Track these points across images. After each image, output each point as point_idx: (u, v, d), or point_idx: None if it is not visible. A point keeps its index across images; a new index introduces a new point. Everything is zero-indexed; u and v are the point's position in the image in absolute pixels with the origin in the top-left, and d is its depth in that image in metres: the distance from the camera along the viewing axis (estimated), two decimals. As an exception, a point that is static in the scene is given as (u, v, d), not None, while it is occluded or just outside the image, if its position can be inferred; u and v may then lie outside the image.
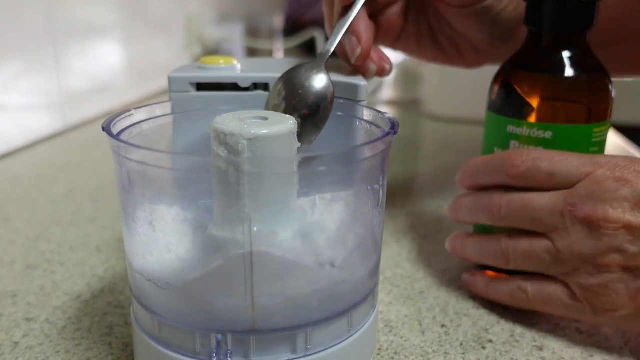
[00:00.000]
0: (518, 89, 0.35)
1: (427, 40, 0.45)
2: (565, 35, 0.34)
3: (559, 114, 0.34)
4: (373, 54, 0.37)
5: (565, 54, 0.34)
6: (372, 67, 0.37)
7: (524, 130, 0.35)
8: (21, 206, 0.50)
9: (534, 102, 0.35)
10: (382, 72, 0.38)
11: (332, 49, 0.34)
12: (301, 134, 0.29)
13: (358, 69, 0.37)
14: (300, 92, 0.31)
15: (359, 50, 0.36)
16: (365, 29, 0.36)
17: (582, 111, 0.34)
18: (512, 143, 0.35)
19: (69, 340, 0.32)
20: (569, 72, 0.34)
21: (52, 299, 0.36)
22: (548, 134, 0.34)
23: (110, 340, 0.31)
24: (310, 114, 0.30)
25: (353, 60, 0.36)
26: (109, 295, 0.36)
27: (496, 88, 0.37)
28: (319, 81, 0.31)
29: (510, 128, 0.35)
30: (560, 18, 0.34)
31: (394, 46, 0.45)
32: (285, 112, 0.30)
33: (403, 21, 0.43)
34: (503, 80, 0.37)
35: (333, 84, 0.31)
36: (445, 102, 0.81)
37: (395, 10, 0.42)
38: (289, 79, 0.32)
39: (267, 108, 0.31)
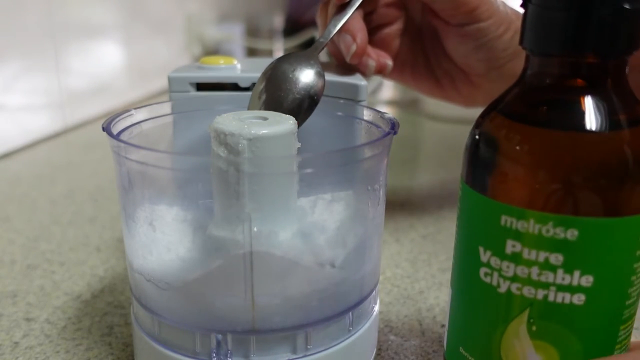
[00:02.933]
0: (517, 156, 0.22)
1: (422, 70, 0.45)
2: (599, 62, 0.21)
3: (590, 198, 0.21)
4: (370, 51, 0.37)
5: (596, 96, 0.21)
6: (371, 63, 0.37)
7: (530, 226, 0.22)
8: (21, 206, 0.50)
9: (547, 179, 0.21)
10: (383, 69, 0.38)
11: (327, 42, 0.33)
12: None
13: (356, 68, 0.37)
14: (284, 85, 0.30)
15: (354, 48, 0.35)
16: (360, 28, 0.36)
17: (630, 193, 0.21)
18: (510, 244, 0.22)
19: (69, 340, 0.32)
20: (603, 125, 0.21)
21: (52, 299, 0.36)
22: (572, 234, 0.21)
23: (110, 340, 0.31)
24: (293, 109, 0.30)
25: (349, 58, 0.36)
26: (109, 295, 0.36)
27: (476, 150, 0.23)
28: (306, 75, 0.30)
29: (507, 220, 0.22)
30: (594, 34, 0.20)
31: (389, 75, 0.45)
32: (267, 104, 0.30)
33: (398, 44, 0.43)
34: (488, 138, 0.23)
35: (323, 76, 0.31)
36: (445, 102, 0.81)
37: (391, 31, 0.42)
38: (275, 69, 0.31)
39: (251, 98, 0.30)
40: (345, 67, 0.37)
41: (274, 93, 0.30)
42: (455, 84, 0.45)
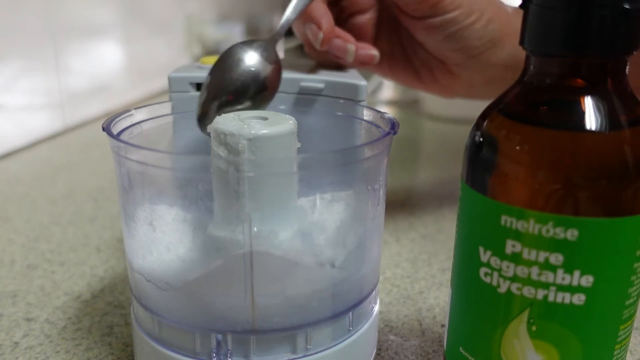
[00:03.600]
0: (517, 156, 0.22)
1: (399, 62, 0.44)
2: (599, 62, 0.21)
3: (590, 198, 0.21)
4: (348, 37, 0.36)
5: (596, 96, 0.21)
6: (350, 47, 0.36)
7: (530, 226, 0.22)
8: (21, 206, 0.50)
9: (547, 179, 0.21)
10: (370, 59, 0.37)
11: (285, 29, 0.32)
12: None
13: (336, 57, 0.36)
14: (229, 69, 0.29)
15: (320, 35, 0.35)
16: (323, 13, 0.35)
17: (631, 193, 0.21)
18: (510, 244, 0.22)
19: (69, 340, 0.32)
20: (603, 125, 0.21)
21: (52, 299, 0.36)
22: (572, 234, 0.21)
23: (110, 340, 0.31)
24: (236, 99, 0.28)
25: (318, 46, 0.35)
26: (109, 295, 0.36)
27: (476, 150, 0.23)
28: (251, 58, 0.29)
29: (507, 220, 0.22)
30: (594, 34, 0.20)
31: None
32: (208, 93, 0.28)
33: (374, 34, 0.42)
34: (488, 138, 0.23)
35: (277, 63, 0.29)
36: (445, 102, 0.80)
37: (364, 20, 0.41)
38: (224, 54, 0.29)
39: (202, 89, 0.29)
40: (329, 61, 0.37)
41: (218, 75, 0.29)
42: (434, 74, 0.44)
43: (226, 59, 0.29)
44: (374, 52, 0.38)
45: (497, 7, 0.41)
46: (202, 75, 0.33)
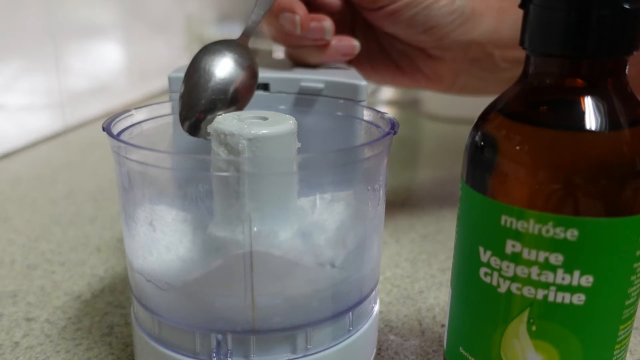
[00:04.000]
0: (517, 156, 0.22)
1: (379, 58, 0.43)
2: (599, 62, 0.21)
3: (590, 198, 0.21)
4: (317, 16, 0.35)
5: (596, 96, 0.21)
6: (326, 24, 0.35)
7: (530, 226, 0.22)
8: (21, 206, 0.50)
9: (547, 179, 0.21)
10: (351, 50, 0.37)
11: (254, 28, 0.31)
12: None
13: (314, 41, 0.35)
14: (198, 89, 0.27)
15: (298, 18, 0.34)
16: (295, 1, 0.35)
17: (631, 193, 0.21)
18: (510, 244, 0.22)
19: (69, 340, 0.32)
20: (603, 125, 0.21)
21: (52, 299, 0.36)
22: (572, 234, 0.21)
23: (111, 340, 0.31)
24: (206, 116, 0.27)
25: (298, 30, 0.34)
26: (109, 295, 0.36)
27: (476, 150, 0.23)
28: (222, 69, 0.27)
29: (507, 220, 0.22)
30: (594, 34, 0.20)
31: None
32: (181, 108, 0.27)
33: (349, 31, 0.41)
34: (488, 138, 0.23)
35: (249, 65, 0.28)
36: (445, 102, 0.81)
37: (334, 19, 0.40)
38: (195, 64, 0.28)
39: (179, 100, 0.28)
40: (305, 56, 0.36)
41: (189, 88, 0.28)
42: (416, 63, 0.43)
43: (197, 69, 0.28)
44: (355, 42, 0.37)
45: None
46: (202, 75, 0.33)
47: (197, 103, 0.27)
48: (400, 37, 0.41)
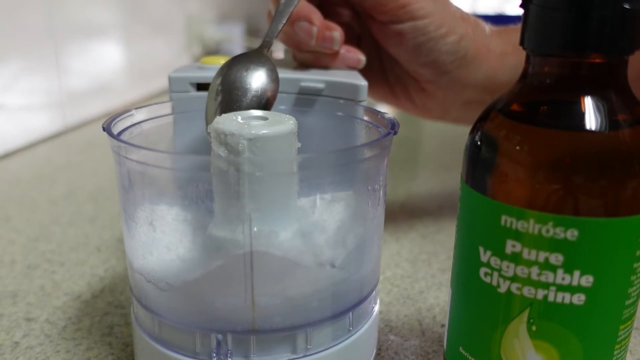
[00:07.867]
0: (517, 156, 0.22)
1: (376, 76, 0.44)
2: (599, 62, 0.21)
3: (590, 198, 0.21)
4: (330, 25, 0.36)
5: (596, 96, 0.21)
6: (335, 34, 0.36)
7: (530, 226, 0.22)
8: (21, 206, 0.50)
9: (547, 179, 0.21)
10: (357, 63, 0.37)
11: (273, 38, 0.32)
12: None
13: (323, 49, 0.36)
14: (238, 93, 0.29)
15: (315, 30, 0.34)
16: (312, 10, 0.35)
17: (631, 193, 0.21)
18: (510, 244, 0.22)
19: (69, 340, 0.32)
20: (603, 125, 0.21)
21: (52, 299, 0.36)
22: (572, 234, 0.21)
23: (111, 340, 0.31)
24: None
25: (313, 42, 0.35)
26: (109, 295, 0.36)
27: (476, 150, 0.23)
28: (256, 82, 0.29)
29: (507, 220, 0.22)
30: (594, 34, 0.20)
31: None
32: (223, 106, 0.29)
33: (358, 27, 0.41)
34: (488, 138, 0.23)
35: (276, 77, 0.30)
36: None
37: (345, 15, 0.40)
38: (226, 77, 0.29)
39: (208, 97, 0.29)
40: (315, 61, 0.37)
41: (229, 96, 0.29)
42: (408, 92, 0.44)
43: (235, 81, 0.29)
44: (361, 56, 0.37)
45: (473, 26, 0.41)
46: (203, 75, 0.33)
47: (239, 104, 0.28)
48: (401, 62, 0.41)
